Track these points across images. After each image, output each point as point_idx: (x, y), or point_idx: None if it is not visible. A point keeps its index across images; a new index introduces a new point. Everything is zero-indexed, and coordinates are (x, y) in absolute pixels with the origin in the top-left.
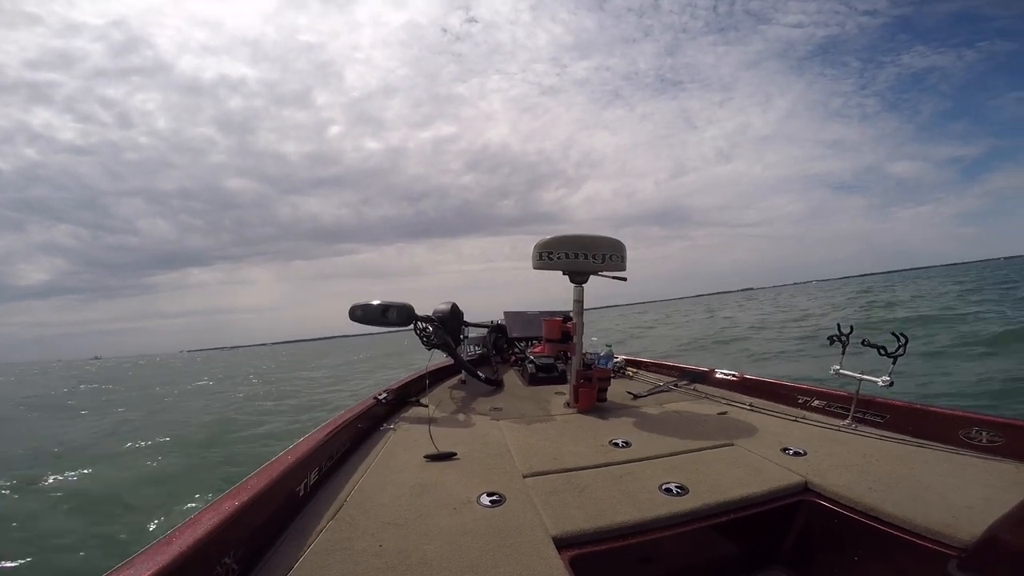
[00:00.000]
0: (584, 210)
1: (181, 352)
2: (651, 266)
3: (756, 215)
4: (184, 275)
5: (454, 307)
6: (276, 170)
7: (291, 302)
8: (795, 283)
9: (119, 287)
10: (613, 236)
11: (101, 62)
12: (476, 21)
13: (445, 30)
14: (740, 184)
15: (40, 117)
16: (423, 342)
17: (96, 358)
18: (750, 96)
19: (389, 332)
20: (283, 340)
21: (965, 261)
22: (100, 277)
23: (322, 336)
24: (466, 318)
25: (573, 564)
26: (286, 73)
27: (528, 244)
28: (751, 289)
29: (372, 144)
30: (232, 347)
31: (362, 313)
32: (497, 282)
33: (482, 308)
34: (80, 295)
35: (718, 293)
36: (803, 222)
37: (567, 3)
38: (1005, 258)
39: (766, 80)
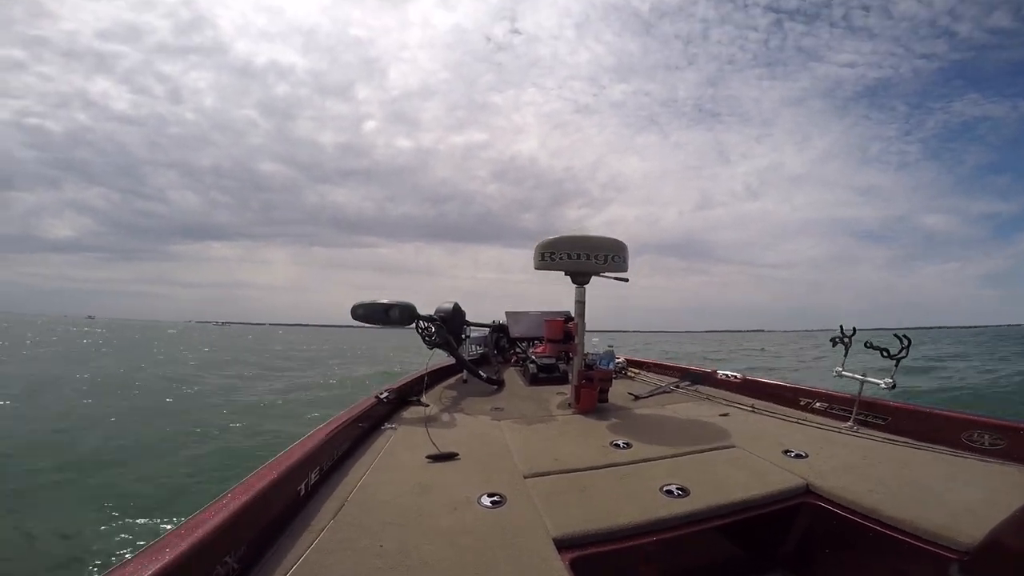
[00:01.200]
0: (605, 231)
1: (188, 322)
2: (662, 296)
3: (777, 257)
4: (205, 247)
5: (456, 306)
6: (309, 158)
7: (306, 287)
8: (806, 330)
9: (140, 250)
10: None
11: (165, 38)
12: (520, 33)
13: (489, 38)
14: (765, 223)
15: (99, 86)
16: (425, 341)
17: (90, 317)
18: (789, 134)
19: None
20: (294, 323)
21: (985, 324)
22: (123, 240)
23: (332, 324)
24: (469, 318)
25: (574, 566)
26: (333, 65)
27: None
28: (761, 331)
29: (404, 142)
30: (241, 323)
31: (364, 312)
32: (509, 293)
33: (491, 315)
34: (102, 253)
35: (731, 331)
36: (823, 267)
37: (614, 24)
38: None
39: (807, 119)
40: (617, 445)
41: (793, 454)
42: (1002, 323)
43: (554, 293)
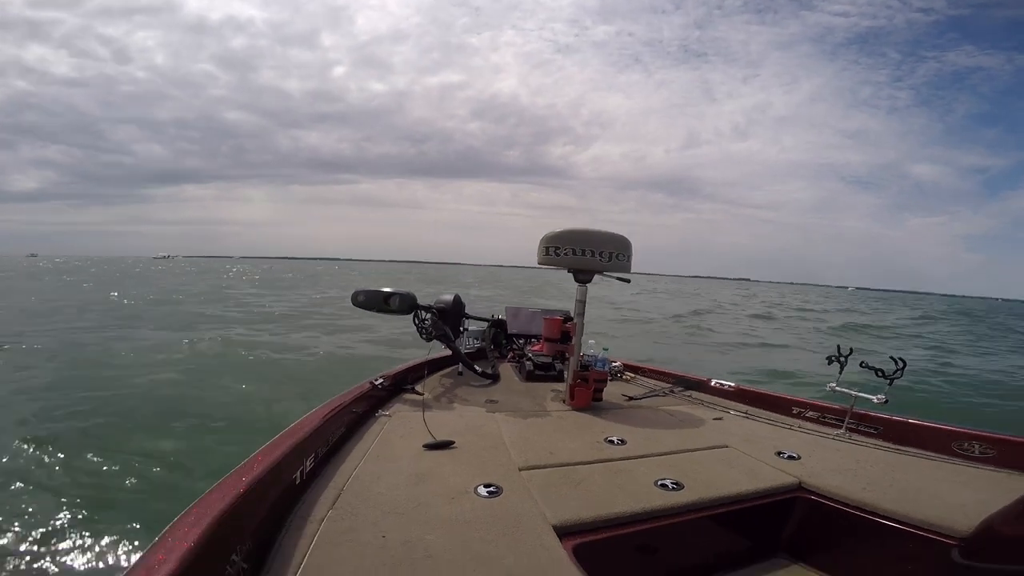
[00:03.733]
0: (591, 168)
1: (154, 257)
2: (651, 235)
3: (764, 197)
4: (180, 190)
5: (456, 298)
6: (276, 105)
7: (282, 221)
8: (791, 283)
9: (114, 195)
10: (618, 232)
11: (107, 0)
12: None
13: None
14: (752, 164)
15: (35, 52)
16: (421, 334)
17: (32, 255)
18: (776, 76)
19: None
20: (261, 255)
21: (965, 295)
22: (93, 187)
23: (314, 256)
24: (468, 310)
25: (576, 552)
26: (296, 15)
27: (531, 194)
28: (747, 280)
29: (377, 86)
30: (212, 256)
31: (364, 298)
32: (496, 226)
33: (482, 249)
34: (74, 200)
35: (716, 278)
36: (811, 212)
37: None
38: (1003, 300)
39: (796, 62)
40: (611, 441)
41: (786, 455)
42: (988, 295)
43: (544, 226)
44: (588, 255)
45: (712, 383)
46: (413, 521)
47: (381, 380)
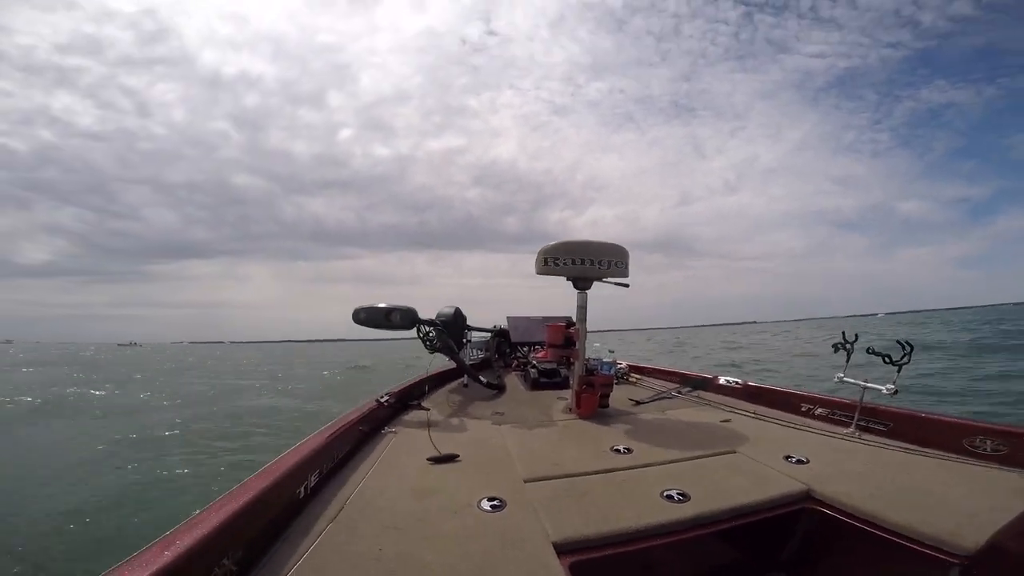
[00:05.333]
0: (588, 233)
1: (119, 344)
2: (652, 294)
3: (757, 249)
4: (184, 267)
5: (457, 311)
6: (284, 169)
7: (280, 303)
8: (796, 319)
9: (118, 273)
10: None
11: (128, 50)
12: (495, 34)
13: (464, 40)
14: (744, 217)
15: (61, 101)
16: (426, 346)
17: (7, 341)
18: (762, 127)
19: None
20: (246, 340)
21: (964, 306)
22: (100, 262)
23: (316, 339)
24: (468, 323)
25: (573, 570)
26: (304, 73)
27: (527, 263)
28: (754, 323)
29: (382, 150)
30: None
31: (365, 316)
32: (494, 298)
33: (480, 319)
34: (81, 277)
35: (721, 324)
36: (804, 259)
37: (587, 23)
38: (1014, 304)
39: (779, 111)
40: (618, 450)
41: (794, 460)
42: (988, 303)
43: (541, 294)
44: (586, 264)
45: (720, 381)
46: (412, 536)
47: (387, 397)
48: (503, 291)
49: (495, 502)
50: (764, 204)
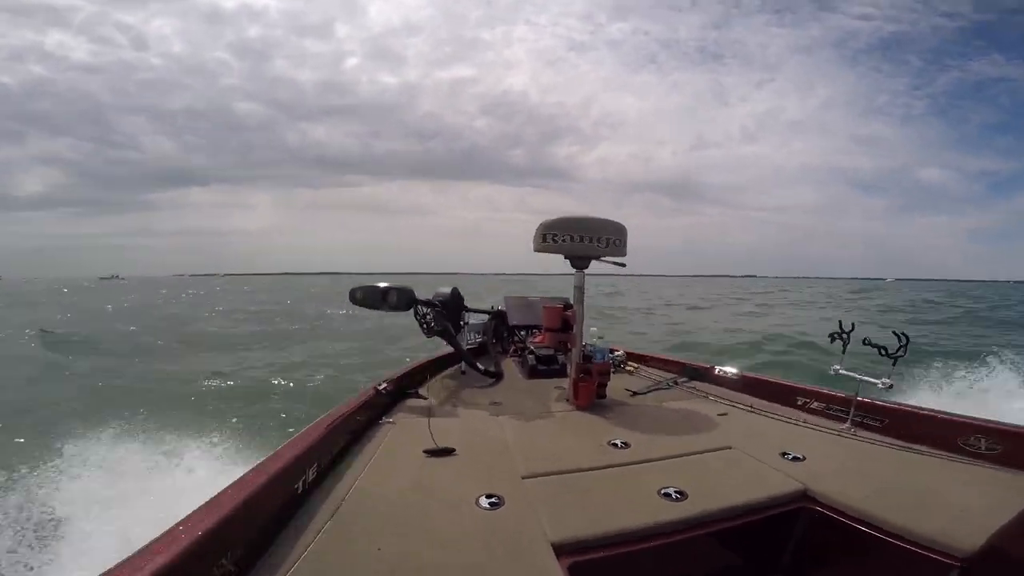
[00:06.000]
0: (596, 170)
1: (101, 278)
2: (654, 237)
3: (771, 200)
4: (183, 194)
5: (455, 291)
6: (287, 96)
7: (288, 230)
8: (796, 276)
9: (117, 202)
10: (616, 219)
11: None
12: None
13: None
14: (760, 167)
15: (55, 39)
16: (423, 329)
17: None
18: (792, 81)
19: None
20: (240, 272)
21: (970, 279)
22: (98, 192)
23: (312, 272)
24: (467, 302)
25: (572, 571)
26: (310, 4)
27: (534, 197)
28: (753, 276)
29: (389, 79)
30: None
31: (362, 295)
32: (499, 232)
33: (485, 259)
34: (80, 208)
35: (720, 276)
36: (816, 213)
37: None
38: (1014, 281)
39: (814, 68)
40: (615, 445)
41: (791, 457)
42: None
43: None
44: (585, 241)
45: (716, 371)
46: (412, 535)
47: (385, 385)
48: (508, 226)
49: (494, 499)
50: (783, 157)
